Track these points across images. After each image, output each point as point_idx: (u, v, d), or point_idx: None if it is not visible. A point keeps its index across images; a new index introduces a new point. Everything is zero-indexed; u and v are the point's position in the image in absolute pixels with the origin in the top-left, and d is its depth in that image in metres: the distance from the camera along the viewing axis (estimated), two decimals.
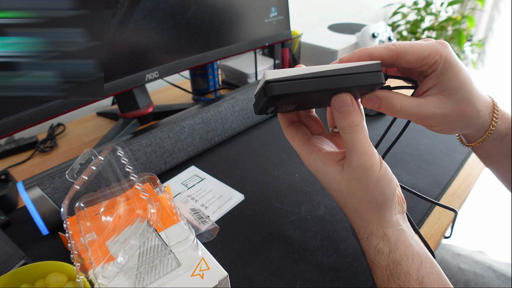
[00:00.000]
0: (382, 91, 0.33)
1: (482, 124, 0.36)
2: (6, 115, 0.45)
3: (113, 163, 0.39)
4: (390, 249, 0.32)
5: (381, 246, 0.32)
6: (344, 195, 0.33)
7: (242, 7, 0.67)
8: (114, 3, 0.50)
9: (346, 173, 0.32)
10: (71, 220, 0.38)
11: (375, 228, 0.33)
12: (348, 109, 0.31)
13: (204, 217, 0.46)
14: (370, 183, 0.31)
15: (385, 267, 0.32)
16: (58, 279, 0.34)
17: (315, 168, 0.35)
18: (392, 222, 0.33)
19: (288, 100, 0.31)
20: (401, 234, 0.33)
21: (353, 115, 0.31)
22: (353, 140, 0.31)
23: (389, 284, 0.32)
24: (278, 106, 0.32)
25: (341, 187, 0.33)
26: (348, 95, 0.31)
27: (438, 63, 0.31)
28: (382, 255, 0.32)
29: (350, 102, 0.31)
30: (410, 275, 0.31)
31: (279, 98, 0.29)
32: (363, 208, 0.33)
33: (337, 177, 0.33)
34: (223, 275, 0.32)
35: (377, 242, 0.33)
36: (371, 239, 0.33)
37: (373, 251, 0.33)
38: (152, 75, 0.60)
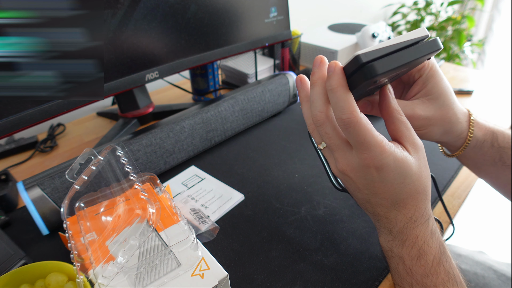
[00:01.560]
0: (371, 97, 0.36)
1: (461, 131, 0.39)
2: (6, 115, 0.45)
3: (112, 163, 0.39)
4: (437, 232, 0.34)
5: (434, 228, 0.34)
6: (418, 177, 0.33)
7: (242, 7, 0.67)
8: (114, 3, 0.50)
9: (415, 153, 0.33)
10: (71, 220, 0.38)
11: (430, 209, 0.34)
12: (398, 111, 0.34)
13: (204, 217, 0.46)
14: (426, 161, 0.34)
15: (438, 249, 0.33)
16: (58, 279, 0.34)
17: (394, 158, 0.31)
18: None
19: (382, 77, 0.30)
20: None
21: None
22: (408, 122, 0.33)
23: (438, 268, 0.32)
24: (367, 88, 0.32)
25: (416, 169, 0.32)
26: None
27: (425, 68, 0.36)
28: (434, 236, 0.33)
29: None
30: (450, 258, 0.33)
31: (379, 76, 0.28)
32: (428, 186, 0.34)
33: (412, 160, 0.32)
34: (223, 275, 0.32)
35: (432, 223, 0.34)
36: (429, 222, 0.34)
37: (430, 233, 0.33)
38: (152, 75, 0.60)
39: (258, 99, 0.65)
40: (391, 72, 0.30)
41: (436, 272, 0.32)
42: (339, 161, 0.34)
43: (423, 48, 0.30)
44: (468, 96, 0.81)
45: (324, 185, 0.52)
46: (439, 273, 0.32)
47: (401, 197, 0.33)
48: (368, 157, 0.31)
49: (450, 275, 0.32)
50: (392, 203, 0.33)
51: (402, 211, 0.33)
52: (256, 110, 0.65)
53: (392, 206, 0.34)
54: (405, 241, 0.34)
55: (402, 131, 0.33)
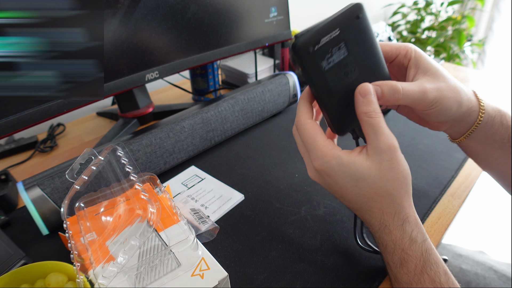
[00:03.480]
0: (382, 82, 0.35)
1: (472, 103, 0.38)
2: (6, 115, 0.45)
3: (113, 163, 0.39)
4: (422, 238, 0.32)
5: (415, 234, 0.32)
6: (375, 180, 0.32)
7: (242, 7, 0.67)
8: (114, 3, 0.50)
9: (375, 157, 0.32)
10: (71, 220, 0.38)
11: (408, 213, 0.33)
12: (372, 97, 0.33)
13: (204, 217, 0.46)
14: (399, 163, 0.32)
15: (419, 257, 0.32)
16: (58, 279, 0.34)
17: (339, 162, 0.33)
18: (410, 205, 0.34)
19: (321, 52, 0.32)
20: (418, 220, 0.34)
21: (375, 102, 0.33)
22: (379, 123, 0.32)
23: (422, 276, 0.31)
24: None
25: (371, 172, 0.32)
26: (374, 85, 0.33)
27: (410, 52, 0.37)
28: (416, 244, 0.32)
29: (372, 92, 0.33)
30: (438, 266, 0.31)
31: (311, 48, 0.31)
32: (396, 189, 0.33)
33: (366, 163, 0.32)
34: (223, 275, 0.32)
35: (412, 229, 0.32)
36: (405, 226, 0.33)
37: (408, 239, 0.32)
38: (152, 75, 0.60)
39: (258, 99, 0.65)
40: (328, 46, 0.32)
41: (420, 280, 0.31)
42: (307, 169, 0.37)
43: (343, 12, 0.32)
44: None
45: None
46: (423, 282, 0.31)
47: (363, 200, 0.34)
48: (314, 161, 0.34)
49: (436, 283, 0.31)
50: (359, 207, 0.35)
51: (372, 215, 0.34)
52: (256, 110, 0.65)
53: (360, 209, 0.35)
54: (385, 247, 0.34)
55: (368, 134, 0.33)
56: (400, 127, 0.66)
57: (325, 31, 0.31)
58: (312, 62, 0.32)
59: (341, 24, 0.32)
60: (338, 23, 0.32)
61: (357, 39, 0.33)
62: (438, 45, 1.82)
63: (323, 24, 0.32)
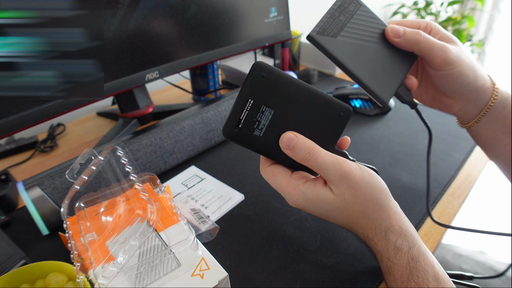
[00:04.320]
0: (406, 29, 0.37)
1: (486, 79, 0.39)
2: (6, 115, 0.45)
3: (113, 163, 0.39)
4: (409, 245, 0.32)
5: (400, 242, 0.32)
6: (345, 207, 0.33)
7: (242, 7, 0.67)
8: (114, 3, 0.50)
9: (335, 189, 0.33)
10: (71, 220, 0.38)
11: (389, 222, 0.33)
12: (296, 142, 0.32)
13: (204, 217, 0.46)
14: (360, 183, 0.32)
15: (405, 266, 0.32)
16: (58, 279, 0.34)
17: (306, 198, 0.34)
18: (399, 213, 0.34)
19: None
20: (410, 227, 0.33)
21: (303, 143, 0.32)
22: (319, 160, 0.32)
23: (409, 284, 0.31)
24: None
25: (338, 203, 0.33)
26: (290, 132, 0.33)
27: (430, 24, 0.39)
28: (401, 252, 0.32)
29: (294, 136, 0.33)
30: (427, 272, 0.31)
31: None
32: (368, 208, 0.33)
33: (331, 196, 0.33)
34: (223, 275, 0.32)
35: (396, 238, 0.32)
36: (389, 236, 0.33)
37: (393, 249, 0.32)
38: (152, 75, 0.60)
39: None
40: (251, 117, 0.33)
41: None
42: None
43: (246, 79, 0.33)
44: None
45: None
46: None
47: (342, 222, 0.35)
48: (286, 200, 0.35)
49: None
50: (343, 226, 0.36)
51: (356, 231, 0.36)
52: None
53: (345, 227, 0.36)
54: (375, 255, 0.35)
55: (318, 172, 0.33)
56: (400, 127, 0.66)
57: (239, 107, 0.32)
58: (245, 137, 0.33)
59: (250, 91, 0.32)
60: (247, 93, 0.32)
61: (276, 94, 0.33)
62: None
63: (235, 101, 0.33)
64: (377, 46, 0.39)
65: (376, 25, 0.39)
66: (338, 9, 0.37)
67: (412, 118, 0.69)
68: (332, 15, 0.37)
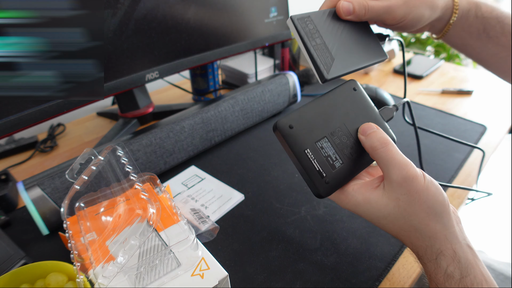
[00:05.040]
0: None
1: (446, 3, 0.41)
2: (6, 115, 0.45)
3: (113, 163, 0.39)
4: (461, 274, 0.28)
5: (452, 269, 0.29)
6: (397, 217, 0.30)
7: (242, 7, 0.67)
8: (114, 3, 0.50)
9: (391, 192, 0.30)
10: (71, 220, 0.38)
11: (443, 245, 0.29)
12: (374, 131, 0.32)
13: (204, 217, 0.46)
14: (420, 193, 0.29)
15: None
16: (58, 279, 0.34)
17: (356, 203, 0.32)
18: (457, 235, 0.30)
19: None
20: (469, 253, 0.29)
21: (380, 132, 0.32)
22: (388, 154, 0.30)
23: None
24: None
25: (390, 209, 0.30)
26: (372, 123, 0.34)
27: None
28: (452, 280, 0.28)
29: (374, 126, 0.33)
30: None
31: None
32: (422, 223, 0.30)
33: (382, 201, 0.31)
34: (223, 275, 0.32)
35: (448, 264, 0.29)
36: (440, 261, 0.29)
37: (443, 275, 0.29)
38: (152, 75, 0.60)
39: (258, 99, 0.65)
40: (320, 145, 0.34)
41: None
42: None
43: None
44: (468, 96, 0.81)
45: None
46: None
47: (393, 233, 0.33)
48: (336, 202, 0.35)
49: None
50: (395, 236, 0.33)
51: (406, 244, 0.32)
52: (256, 110, 0.65)
53: (397, 238, 0.33)
54: (425, 273, 0.32)
55: (381, 167, 0.32)
56: (400, 127, 0.66)
57: (307, 163, 0.33)
58: (339, 176, 0.34)
59: (298, 143, 0.33)
60: (298, 149, 0.33)
61: (314, 124, 0.34)
62: (438, 45, 1.82)
63: (299, 164, 0.33)
64: (348, 31, 0.39)
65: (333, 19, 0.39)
66: (308, 37, 0.36)
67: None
68: (311, 48, 0.36)
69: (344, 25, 0.38)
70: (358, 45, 0.39)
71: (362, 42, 0.39)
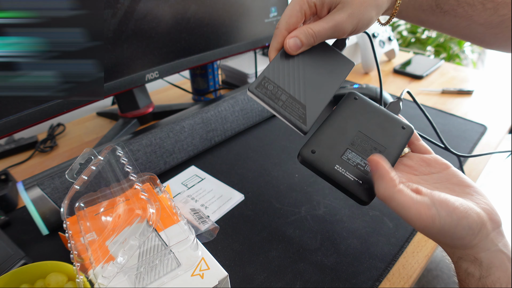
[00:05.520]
0: (298, 31, 0.36)
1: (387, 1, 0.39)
2: (6, 115, 0.45)
3: (112, 163, 0.39)
4: (481, 274, 0.29)
5: (472, 269, 0.29)
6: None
7: (242, 7, 0.67)
8: (114, 3, 0.50)
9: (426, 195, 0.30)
10: (71, 220, 0.38)
11: (463, 253, 0.30)
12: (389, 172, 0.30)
13: (204, 217, 0.46)
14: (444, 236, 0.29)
15: None
16: (58, 279, 0.34)
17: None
18: (486, 244, 0.29)
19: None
20: (497, 256, 0.29)
21: (383, 183, 0.30)
22: (401, 199, 0.29)
23: None
24: None
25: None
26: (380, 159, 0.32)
27: None
28: (472, 278, 0.29)
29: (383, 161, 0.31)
30: None
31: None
32: (444, 242, 0.30)
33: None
34: (223, 275, 0.32)
35: (467, 266, 0.30)
36: (460, 263, 0.30)
37: (463, 273, 0.30)
38: (152, 75, 0.60)
39: None
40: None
41: None
42: None
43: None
44: (468, 96, 0.81)
45: (324, 185, 0.52)
46: None
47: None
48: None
49: None
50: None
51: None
52: (256, 110, 0.65)
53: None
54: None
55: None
56: None
57: (343, 179, 0.34)
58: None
59: (320, 168, 0.35)
60: (327, 173, 0.34)
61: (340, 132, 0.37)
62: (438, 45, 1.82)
63: (341, 188, 0.34)
64: (304, 70, 0.38)
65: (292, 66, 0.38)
66: (273, 101, 0.35)
67: (413, 118, 0.69)
68: (280, 110, 0.35)
69: (299, 58, 0.38)
70: (322, 69, 0.38)
71: (324, 64, 0.39)
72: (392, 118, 0.38)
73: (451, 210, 0.28)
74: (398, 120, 0.38)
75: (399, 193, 0.29)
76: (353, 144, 0.36)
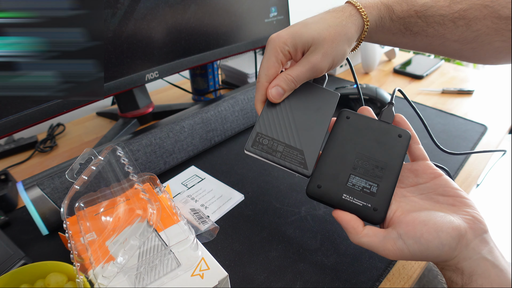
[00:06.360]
0: (278, 80, 0.38)
1: (357, 25, 0.39)
2: (6, 115, 0.45)
3: (112, 163, 0.39)
4: (463, 282, 0.30)
5: (455, 278, 0.31)
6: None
7: (242, 7, 0.67)
8: (114, 3, 0.50)
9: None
10: (71, 220, 0.38)
11: (444, 265, 0.32)
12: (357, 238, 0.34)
13: (204, 217, 0.46)
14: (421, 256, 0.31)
15: None
16: (58, 279, 0.34)
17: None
18: (467, 254, 0.30)
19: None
20: (479, 264, 0.30)
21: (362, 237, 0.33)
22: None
23: None
24: None
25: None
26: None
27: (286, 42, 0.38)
28: (456, 285, 0.31)
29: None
30: None
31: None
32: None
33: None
34: (223, 275, 0.32)
35: (450, 274, 0.31)
36: (444, 272, 0.32)
37: (448, 280, 0.32)
38: (152, 75, 0.60)
39: None
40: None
41: None
42: None
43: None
44: (468, 96, 0.81)
45: None
46: None
47: None
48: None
49: None
50: None
51: None
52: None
53: None
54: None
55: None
56: None
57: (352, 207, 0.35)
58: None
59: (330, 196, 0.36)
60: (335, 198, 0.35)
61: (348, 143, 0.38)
62: None
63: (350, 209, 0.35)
64: (294, 118, 0.39)
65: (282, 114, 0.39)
66: (271, 155, 0.37)
67: (413, 119, 0.69)
68: (280, 161, 0.37)
69: (285, 103, 0.39)
70: (309, 109, 0.39)
71: (311, 103, 0.40)
72: (387, 129, 0.38)
73: (419, 236, 0.30)
74: (393, 129, 0.38)
75: (365, 238, 0.32)
76: (355, 168, 0.36)
